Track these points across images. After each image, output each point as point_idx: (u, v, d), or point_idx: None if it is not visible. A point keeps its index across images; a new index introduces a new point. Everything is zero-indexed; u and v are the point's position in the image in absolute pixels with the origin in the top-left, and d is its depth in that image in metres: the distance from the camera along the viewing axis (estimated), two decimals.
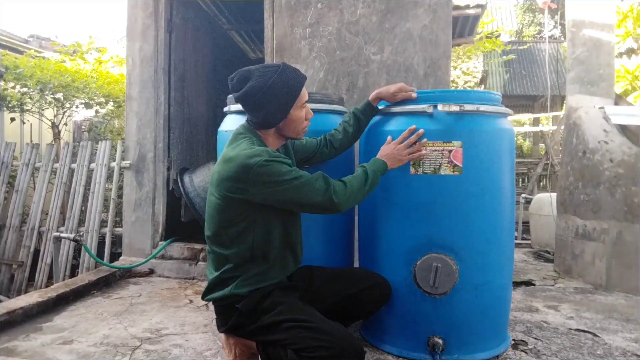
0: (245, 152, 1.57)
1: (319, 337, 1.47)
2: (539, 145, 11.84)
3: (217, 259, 1.71)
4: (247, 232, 1.65)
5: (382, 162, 1.80)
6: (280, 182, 1.55)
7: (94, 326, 2.35)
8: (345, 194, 1.63)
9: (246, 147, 1.60)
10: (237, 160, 1.56)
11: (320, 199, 1.58)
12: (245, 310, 1.63)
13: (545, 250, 4.30)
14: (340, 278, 1.87)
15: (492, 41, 8.14)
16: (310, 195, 1.58)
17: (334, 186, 1.62)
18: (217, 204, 1.65)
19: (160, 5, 3.60)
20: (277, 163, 1.56)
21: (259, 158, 1.54)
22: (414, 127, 1.84)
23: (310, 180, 1.59)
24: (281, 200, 1.59)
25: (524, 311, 2.60)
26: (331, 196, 1.58)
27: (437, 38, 3.12)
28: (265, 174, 1.54)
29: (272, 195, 1.57)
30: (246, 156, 1.55)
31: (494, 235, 1.90)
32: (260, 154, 1.56)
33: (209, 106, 4.65)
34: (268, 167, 1.53)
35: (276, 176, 1.54)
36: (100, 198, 3.80)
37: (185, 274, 3.38)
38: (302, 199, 1.58)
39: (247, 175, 1.54)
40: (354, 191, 1.66)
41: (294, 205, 1.62)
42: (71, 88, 4.81)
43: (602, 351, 2.07)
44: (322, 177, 1.62)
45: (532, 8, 17.28)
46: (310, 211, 1.68)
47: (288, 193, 1.57)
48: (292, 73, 1.69)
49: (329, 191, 1.59)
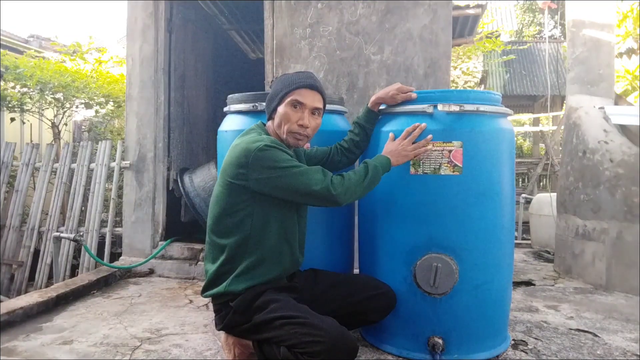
0: (249, 139, 1.66)
1: (311, 332, 1.47)
2: (539, 145, 11.84)
3: (214, 249, 1.74)
4: (245, 222, 1.67)
5: (385, 158, 1.80)
6: (279, 168, 1.59)
7: (94, 326, 2.35)
8: (343, 185, 1.64)
9: (253, 136, 1.70)
10: (240, 145, 1.65)
11: (318, 187, 1.60)
12: (239, 309, 1.64)
13: (545, 250, 4.30)
14: (345, 284, 1.87)
15: (492, 41, 8.13)
16: (308, 184, 1.60)
17: (332, 178, 1.63)
18: (220, 191, 1.71)
19: (160, 5, 3.60)
20: (278, 150, 1.62)
21: (260, 143, 1.61)
22: (417, 124, 1.84)
23: (309, 171, 1.62)
24: (279, 187, 1.61)
25: (524, 311, 2.60)
26: (329, 186, 1.60)
27: (437, 38, 3.12)
28: (264, 158, 1.59)
29: (270, 182, 1.60)
30: (249, 142, 1.64)
31: (494, 235, 1.90)
32: (263, 140, 1.64)
33: (209, 106, 4.65)
34: (268, 152, 1.59)
35: (275, 162, 1.59)
36: (100, 198, 3.80)
37: (185, 274, 3.38)
38: (300, 187, 1.60)
39: (247, 159, 1.60)
40: (352, 184, 1.67)
41: (292, 193, 1.63)
42: (71, 88, 4.81)
43: (602, 351, 2.07)
44: (321, 169, 1.66)
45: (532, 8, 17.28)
46: (308, 201, 1.69)
47: (286, 180, 1.60)
48: (301, 75, 1.78)
49: (327, 181, 1.61)
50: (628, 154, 3.08)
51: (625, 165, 3.08)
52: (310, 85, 1.73)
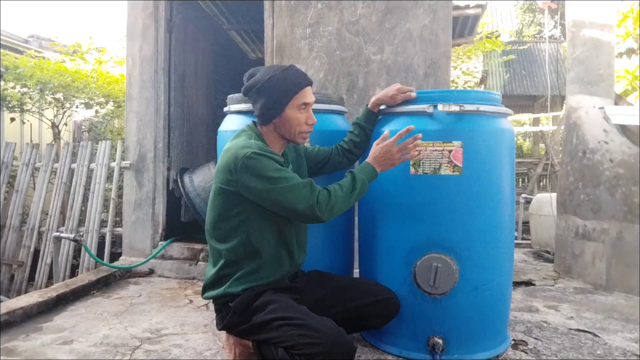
0: (239, 143, 1.63)
1: (309, 333, 1.46)
2: (539, 145, 11.83)
3: (213, 254, 1.74)
4: (241, 227, 1.66)
5: (371, 169, 1.75)
6: (266, 179, 1.56)
7: (94, 326, 2.35)
8: (328, 204, 1.61)
9: (242, 140, 1.67)
10: (230, 151, 1.63)
11: (302, 207, 1.57)
12: (238, 309, 1.64)
13: (545, 250, 4.30)
14: (348, 289, 1.86)
15: (492, 41, 8.13)
16: (294, 202, 1.58)
17: (318, 196, 1.60)
18: (214, 196, 1.70)
19: (160, 5, 3.60)
20: (266, 158, 1.58)
21: (248, 149, 1.58)
22: (412, 127, 1.76)
23: (297, 186, 1.58)
24: (265, 199, 1.60)
25: (524, 311, 2.60)
26: (314, 206, 1.58)
27: (437, 38, 3.12)
28: (251, 167, 1.56)
29: (257, 194, 1.59)
30: (238, 147, 1.61)
31: (494, 235, 1.90)
32: (251, 146, 1.60)
33: (209, 106, 4.65)
34: (255, 160, 1.56)
35: (262, 171, 1.56)
36: (100, 198, 3.80)
37: (185, 274, 3.37)
38: (285, 205, 1.59)
39: (235, 166, 1.58)
40: (339, 201, 1.64)
41: (277, 208, 1.62)
42: (71, 88, 4.80)
43: (602, 351, 2.07)
44: (309, 184, 1.61)
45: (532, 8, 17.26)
46: (292, 218, 1.67)
47: (272, 195, 1.58)
48: (295, 73, 1.72)
49: (312, 200, 1.58)
50: (628, 154, 3.08)
51: (625, 165, 3.08)
52: (309, 83, 1.73)
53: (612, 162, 3.13)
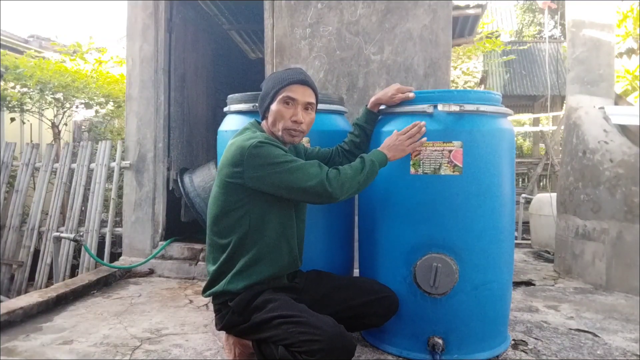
0: (243, 137, 1.67)
1: (309, 331, 1.47)
2: (539, 145, 11.83)
3: (214, 250, 1.74)
4: (243, 220, 1.67)
5: (380, 153, 1.79)
6: (274, 164, 1.59)
7: (94, 326, 2.35)
8: (338, 181, 1.63)
9: (246, 134, 1.70)
10: (235, 144, 1.65)
11: (313, 183, 1.59)
12: (238, 309, 1.64)
13: (545, 250, 4.30)
14: (347, 288, 1.86)
15: (492, 41, 8.14)
16: (303, 179, 1.60)
17: (328, 172, 1.63)
18: (217, 191, 1.71)
19: (160, 5, 3.60)
20: (272, 146, 1.62)
21: (254, 140, 1.61)
22: (418, 122, 1.83)
23: (304, 165, 1.62)
24: (274, 183, 1.61)
25: (524, 311, 2.60)
26: (324, 181, 1.60)
27: (437, 38, 3.12)
28: (259, 155, 1.59)
29: (266, 179, 1.60)
30: (243, 140, 1.64)
31: (494, 235, 1.90)
32: (257, 136, 1.64)
33: (209, 106, 4.65)
34: (262, 149, 1.59)
35: (270, 158, 1.59)
36: (100, 198, 3.80)
37: (185, 274, 3.38)
38: (295, 183, 1.60)
39: (242, 157, 1.60)
40: (348, 179, 1.66)
41: (288, 190, 1.63)
42: (71, 88, 4.80)
43: (602, 351, 2.07)
44: (317, 163, 1.66)
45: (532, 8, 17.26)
46: (304, 198, 1.68)
47: (281, 176, 1.60)
48: (291, 71, 1.77)
49: (322, 176, 1.61)
50: (628, 154, 3.08)
51: (625, 165, 3.08)
52: (300, 81, 1.73)
53: (612, 162, 3.13)
